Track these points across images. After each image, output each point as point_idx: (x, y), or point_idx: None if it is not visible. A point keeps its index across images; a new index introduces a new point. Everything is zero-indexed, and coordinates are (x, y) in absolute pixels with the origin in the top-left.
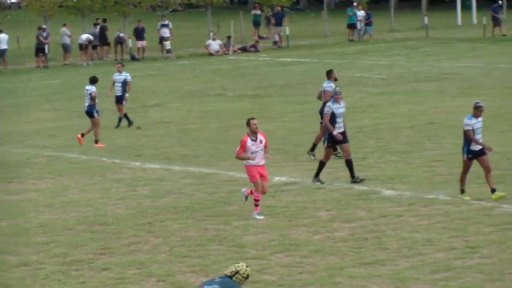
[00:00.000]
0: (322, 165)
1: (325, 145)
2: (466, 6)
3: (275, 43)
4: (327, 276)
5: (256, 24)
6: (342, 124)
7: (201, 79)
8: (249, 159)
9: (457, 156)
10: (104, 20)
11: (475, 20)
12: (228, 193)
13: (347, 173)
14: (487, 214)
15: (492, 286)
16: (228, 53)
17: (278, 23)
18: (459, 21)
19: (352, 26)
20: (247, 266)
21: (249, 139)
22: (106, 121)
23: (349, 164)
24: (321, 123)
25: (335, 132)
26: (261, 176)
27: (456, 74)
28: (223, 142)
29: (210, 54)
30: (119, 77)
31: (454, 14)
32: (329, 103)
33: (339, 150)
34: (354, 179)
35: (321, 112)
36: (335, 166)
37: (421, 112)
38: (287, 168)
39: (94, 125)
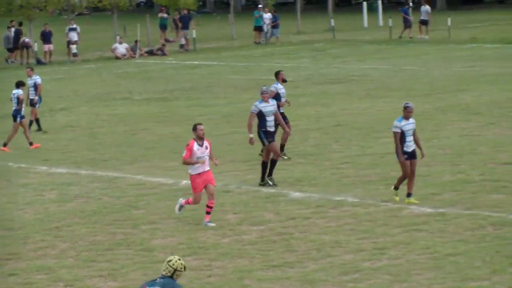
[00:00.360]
0: (265, 165)
1: (265, 143)
2: (372, 8)
3: (182, 46)
4: (236, 279)
5: (163, 27)
6: (272, 123)
7: (108, 82)
8: (197, 163)
9: (364, 158)
10: (20, 24)
11: (381, 22)
12: (135, 197)
13: (255, 176)
14: (394, 215)
15: (399, 287)
16: (135, 57)
17: (185, 26)
18: (366, 23)
19: (258, 29)
20: (179, 259)
21: (195, 144)
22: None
23: (272, 163)
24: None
25: (251, 136)
26: (207, 181)
27: (363, 76)
28: (130, 146)
29: (117, 58)
30: (30, 81)
31: (361, 16)
32: (256, 102)
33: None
34: (262, 182)
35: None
36: (243, 169)
37: (328, 114)
38: None
39: (14, 129)
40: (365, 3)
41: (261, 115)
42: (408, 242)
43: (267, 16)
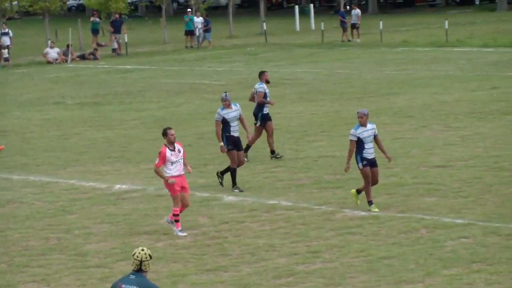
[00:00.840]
0: (232, 171)
1: (226, 149)
2: (304, 12)
3: (114, 50)
4: (170, 283)
5: (95, 31)
6: (236, 128)
7: (40, 87)
8: (167, 179)
9: (298, 162)
10: None
11: (313, 26)
12: (68, 202)
13: (188, 180)
14: (328, 218)
15: None
16: (67, 61)
17: (117, 30)
18: (298, 27)
19: (189, 33)
20: (142, 249)
21: (167, 150)
22: None
23: (232, 172)
24: (255, 124)
25: (221, 144)
26: (182, 188)
27: (295, 79)
28: (63, 151)
29: (49, 62)
30: None
31: (293, 20)
32: (218, 110)
33: (276, 153)
34: (220, 181)
35: (255, 114)
36: None
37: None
38: (128, 176)
39: None
40: (297, 7)
41: (224, 121)
42: (342, 245)
43: (199, 20)
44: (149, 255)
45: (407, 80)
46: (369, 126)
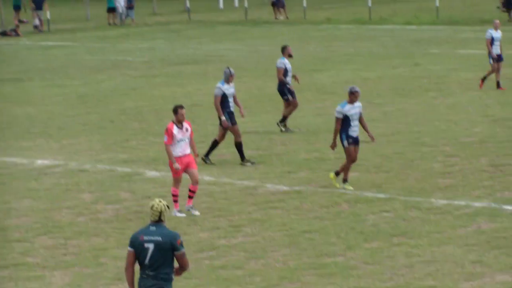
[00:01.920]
0: (214, 143)
1: (229, 124)
2: None
3: (35, 27)
4: (92, 257)
5: (17, 8)
6: (233, 104)
7: None
8: (173, 161)
9: None
10: None
11: (237, 3)
12: None
13: (110, 155)
14: (250, 193)
15: (255, 264)
16: None
17: (38, 7)
18: (221, 5)
19: (112, 10)
20: (159, 201)
21: (174, 127)
22: None
23: (238, 146)
24: (286, 100)
25: (223, 118)
26: (188, 165)
27: (218, 56)
28: None
29: None
30: None
31: None
32: (219, 84)
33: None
34: (243, 161)
35: (280, 90)
36: (98, 148)
37: (184, 95)
38: (50, 151)
39: None
40: None
41: (224, 98)
42: (264, 220)
43: None
44: (167, 205)
45: (331, 57)
46: (356, 104)
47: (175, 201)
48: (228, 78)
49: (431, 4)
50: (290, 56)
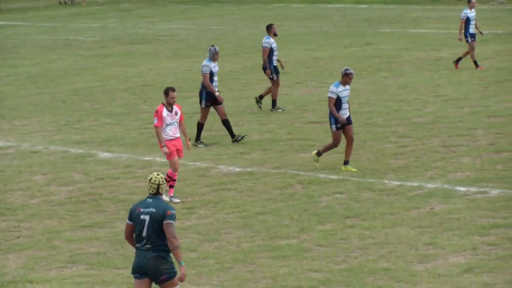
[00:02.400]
0: (200, 126)
1: (203, 105)
2: None
3: None
4: (45, 240)
5: None
6: (217, 84)
7: None
8: (163, 145)
9: None
10: None
11: None
12: None
13: (62, 136)
14: (202, 175)
15: (209, 246)
16: None
17: None
18: None
19: None
20: (157, 174)
21: (164, 109)
22: None
23: (226, 124)
24: (271, 78)
25: (217, 93)
26: (177, 150)
27: (170, 36)
28: None
29: None
30: None
31: None
32: (205, 62)
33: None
34: (234, 138)
35: (264, 68)
36: (50, 129)
37: (136, 75)
38: (1, 132)
39: None
40: None
41: (211, 75)
42: (217, 201)
43: None
44: (164, 178)
45: (282, 37)
46: (347, 86)
47: (171, 186)
48: (213, 56)
49: None
50: (275, 35)
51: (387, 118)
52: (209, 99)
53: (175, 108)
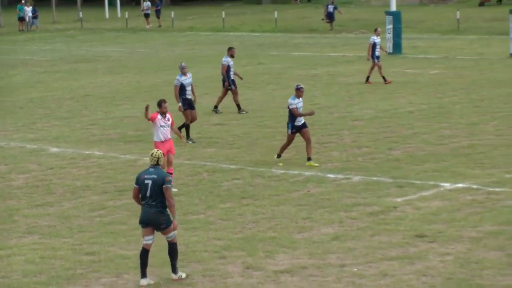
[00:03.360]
0: (187, 126)
1: (182, 109)
2: (112, 3)
3: None
4: (7, 216)
5: None
6: (190, 92)
7: None
8: (158, 137)
9: (108, 121)
10: None
11: (119, 15)
12: None
13: (21, 135)
14: (131, 165)
15: (136, 220)
16: None
17: None
18: (107, 15)
19: (21, 19)
20: (157, 150)
21: (158, 115)
22: None
23: (186, 127)
24: (229, 88)
25: (179, 104)
26: (169, 149)
27: (105, 56)
28: None
29: None
30: None
31: (104, 9)
32: (177, 77)
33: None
34: (187, 139)
35: (223, 81)
36: (10, 129)
37: (79, 87)
38: None
39: None
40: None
41: (181, 87)
42: None
43: (29, 9)
44: (162, 153)
45: (194, 58)
46: (301, 98)
47: None
48: (182, 71)
49: (271, 16)
50: (232, 56)
51: (275, 121)
52: (186, 104)
53: (167, 115)
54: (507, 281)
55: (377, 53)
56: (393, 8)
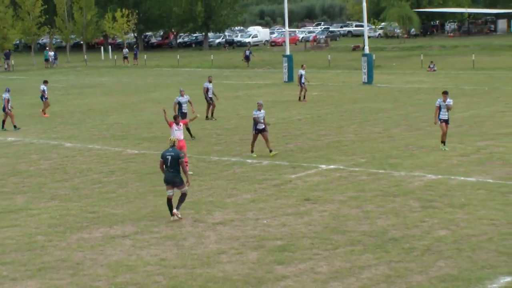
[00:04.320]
0: (188, 129)
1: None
2: (106, 50)
3: (5, 68)
4: (38, 188)
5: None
6: (186, 107)
7: None
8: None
9: (103, 126)
10: None
11: (110, 57)
12: None
13: (48, 135)
14: (119, 154)
15: (122, 191)
16: None
17: (7, 57)
18: (103, 57)
19: (46, 60)
20: (173, 137)
21: (174, 124)
22: None
23: (188, 130)
24: (209, 103)
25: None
26: (181, 147)
27: (101, 84)
28: None
29: None
30: None
31: (100, 53)
32: (176, 97)
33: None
34: (192, 137)
35: (206, 99)
36: (40, 131)
37: (84, 104)
38: (12, 133)
39: None
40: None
41: (179, 104)
42: (125, 168)
43: (51, 53)
44: (176, 139)
45: (159, 85)
46: (262, 110)
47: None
48: (180, 93)
49: (209, 58)
50: (210, 81)
51: (212, 126)
52: (181, 115)
53: (181, 123)
54: (363, 228)
55: (302, 80)
56: (288, 52)
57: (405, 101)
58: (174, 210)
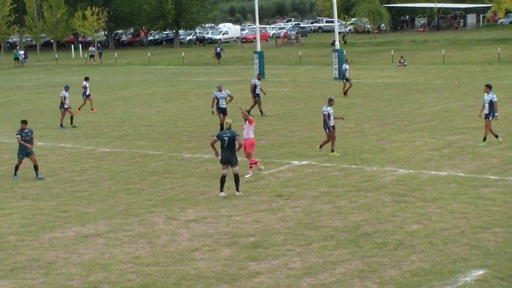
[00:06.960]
0: (221, 125)
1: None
2: (76, 48)
3: None
4: (9, 187)
5: None
6: (224, 103)
7: None
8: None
9: (74, 124)
10: None
11: (81, 55)
12: None
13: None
14: (91, 153)
15: (94, 190)
16: None
17: None
18: (73, 56)
19: (16, 59)
20: (229, 119)
21: (246, 122)
22: None
23: (221, 126)
24: (253, 97)
25: (212, 110)
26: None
27: (72, 83)
28: None
29: None
30: None
31: (71, 52)
32: (214, 92)
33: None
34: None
35: (253, 94)
36: (11, 130)
37: (55, 103)
38: None
39: None
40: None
41: (217, 99)
42: (97, 166)
43: (21, 52)
44: (232, 122)
45: (130, 82)
46: (331, 107)
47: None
48: (219, 88)
49: (180, 55)
50: (259, 79)
51: (184, 123)
52: (218, 110)
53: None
54: (336, 223)
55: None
56: (258, 49)
57: (376, 96)
58: (236, 192)
